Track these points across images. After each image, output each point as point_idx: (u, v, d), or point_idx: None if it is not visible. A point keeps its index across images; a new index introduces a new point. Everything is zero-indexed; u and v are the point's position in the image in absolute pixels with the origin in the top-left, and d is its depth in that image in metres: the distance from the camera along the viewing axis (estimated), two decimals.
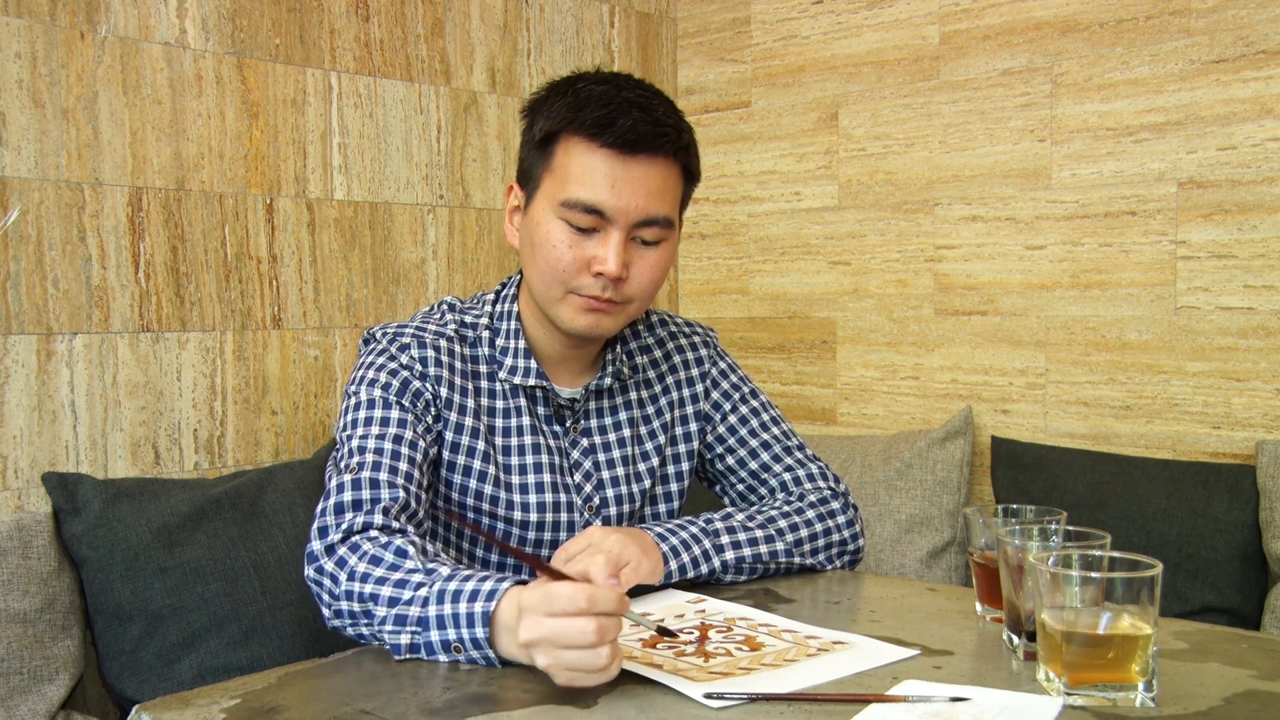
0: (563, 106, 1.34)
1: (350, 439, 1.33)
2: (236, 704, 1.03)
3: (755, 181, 2.88)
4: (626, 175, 1.32)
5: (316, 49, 2.26)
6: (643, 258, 1.37)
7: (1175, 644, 1.17)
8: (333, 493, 1.27)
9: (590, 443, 1.48)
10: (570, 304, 1.37)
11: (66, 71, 1.93)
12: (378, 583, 1.16)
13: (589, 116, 1.31)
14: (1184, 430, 2.25)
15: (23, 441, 1.89)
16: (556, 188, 1.34)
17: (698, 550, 1.38)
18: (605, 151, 1.32)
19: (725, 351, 1.63)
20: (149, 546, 1.84)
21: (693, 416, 1.57)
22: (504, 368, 1.44)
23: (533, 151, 1.39)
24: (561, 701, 1.02)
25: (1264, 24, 2.13)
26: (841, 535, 1.51)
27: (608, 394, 1.50)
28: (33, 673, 1.72)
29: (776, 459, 1.56)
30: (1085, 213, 2.35)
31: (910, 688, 1.03)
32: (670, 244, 1.40)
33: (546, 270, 1.36)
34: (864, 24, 2.66)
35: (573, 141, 1.34)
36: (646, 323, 1.59)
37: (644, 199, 1.33)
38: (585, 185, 1.32)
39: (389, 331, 1.42)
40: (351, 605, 1.18)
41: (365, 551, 1.20)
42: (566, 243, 1.34)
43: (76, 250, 1.95)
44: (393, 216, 2.39)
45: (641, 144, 1.32)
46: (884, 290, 2.66)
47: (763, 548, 1.43)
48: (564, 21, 2.70)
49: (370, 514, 1.24)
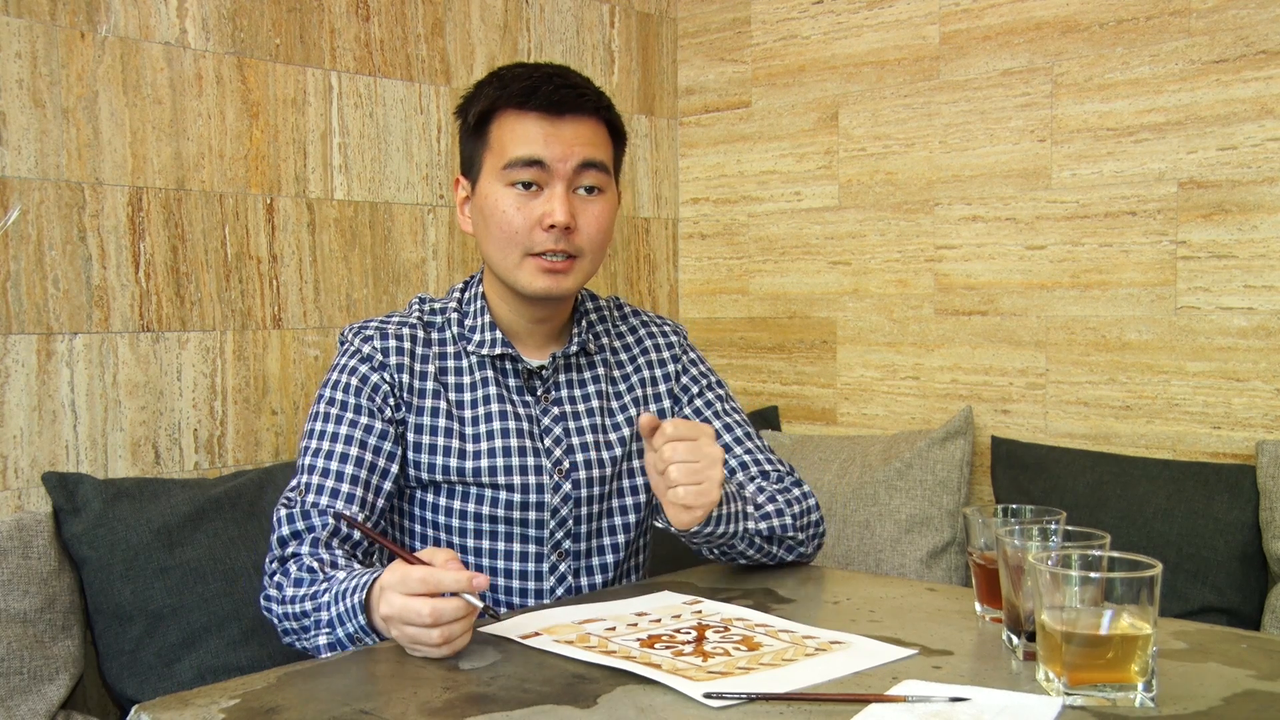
0: (490, 89, 1.50)
1: (306, 450, 1.46)
2: (236, 704, 1.03)
3: (755, 181, 2.88)
4: (557, 131, 1.45)
5: (317, 49, 2.26)
6: (587, 208, 1.48)
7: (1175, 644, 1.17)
8: (275, 527, 1.42)
9: (561, 411, 1.55)
10: (528, 267, 1.47)
11: (67, 71, 1.93)
12: (301, 600, 1.32)
13: (514, 89, 1.46)
14: (1184, 430, 2.25)
15: (23, 441, 1.89)
16: (496, 159, 1.47)
17: (732, 508, 1.42)
18: (535, 114, 1.45)
19: (694, 345, 1.72)
20: (149, 546, 1.84)
21: (665, 394, 1.63)
22: (471, 342, 1.53)
23: (470, 139, 1.53)
24: (561, 701, 1.02)
25: (1264, 24, 2.13)
26: (816, 516, 1.57)
27: (577, 367, 1.58)
28: (33, 673, 1.72)
29: (738, 441, 1.62)
30: (1085, 213, 2.35)
31: (910, 688, 1.03)
32: (611, 196, 1.51)
33: (500, 236, 1.47)
34: (864, 24, 2.66)
35: (504, 115, 1.47)
36: (619, 313, 1.67)
37: (578, 147, 1.46)
38: (521, 144, 1.45)
39: (355, 327, 1.54)
40: (289, 624, 1.35)
41: (293, 576, 1.36)
42: (515, 205, 1.45)
43: (76, 250, 1.95)
44: (393, 216, 2.39)
45: (566, 105, 1.45)
46: (884, 290, 2.66)
47: (774, 521, 1.48)
48: (564, 21, 2.70)
49: (300, 544, 1.39)
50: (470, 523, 1.50)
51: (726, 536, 1.42)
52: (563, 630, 1.23)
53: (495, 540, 1.50)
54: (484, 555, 1.51)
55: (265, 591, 1.40)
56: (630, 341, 1.65)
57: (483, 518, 1.49)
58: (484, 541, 1.50)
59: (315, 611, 1.30)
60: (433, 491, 1.50)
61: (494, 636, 1.22)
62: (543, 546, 1.51)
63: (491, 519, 1.49)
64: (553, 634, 1.22)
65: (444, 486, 1.49)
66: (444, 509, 1.50)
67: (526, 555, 1.51)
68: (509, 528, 1.50)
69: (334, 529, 1.40)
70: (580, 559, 1.53)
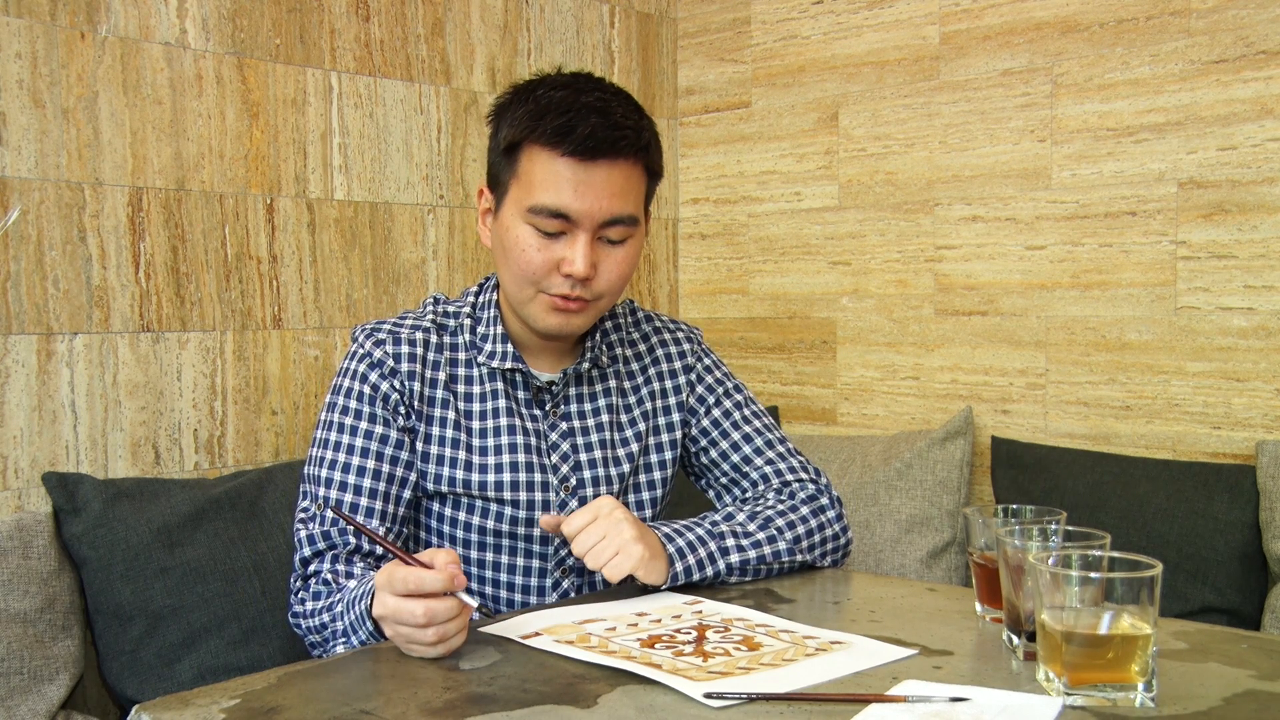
0: (524, 115, 1.39)
1: (321, 461, 1.44)
2: (236, 704, 1.03)
3: (755, 182, 2.88)
4: (589, 180, 1.37)
5: (317, 49, 2.26)
6: (610, 255, 1.42)
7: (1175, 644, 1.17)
8: (297, 547, 1.43)
9: (569, 426, 1.52)
10: (540, 304, 1.43)
11: (67, 71, 1.93)
12: (319, 612, 1.35)
13: (549, 125, 1.36)
14: (1184, 430, 2.25)
15: (23, 441, 1.89)
16: (522, 194, 1.39)
17: (704, 553, 1.40)
18: (567, 159, 1.37)
19: (710, 350, 1.67)
20: (149, 546, 1.84)
21: (675, 407, 1.60)
22: (483, 352, 1.50)
23: (499, 158, 1.45)
24: (561, 701, 1.02)
25: (1264, 24, 2.13)
26: (834, 529, 1.54)
27: (588, 381, 1.55)
28: (33, 673, 1.72)
29: (758, 452, 1.58)
30: (1085, 213, 2.35)
31: (910, 688, 1.03)
32: (636, 240, 1.45)
33: (517, 273, 1.42)
34: (864, 24, 2.67)
35: (535, 150, 1.38)
36: (632, 318, 1.64)
37: (607, 200, 1.38)
38: (549, 191, 1.37)
39: (368, 328, 1.50)
40: (314, 636, 1.37)
41: (312, 590, 1.38)
42: (535, 246, 1.40)
43: (77, 250, 1.95)
44: (393, 216, 2.39)
45: (601, 149, 1.36)
46: (884, 290, 2.66)
47: (766, 549, 1.45)
48: (564, 21, 2.70)
49: (322, 561, 1.40)
50: (474, 535, 1.49)
51: (707, 579, 1.40)
52: (563, 630, 1.23)
53: (499, 553, 1.49)
54: (487, 568, 1.50)
55: (291, 608, 1.41)
56: (642, 350, 1.61)
57: (487, 530, 1.48)
58: (488, 554, 1.49)
59: (332, 622, 1.31)
60: (438, 501, 1.49)
61: (494, 636, 1.22)
62: (546, 562, 1.50)
63: (496, 533, 1.48)
64: (553, 634, 1.22)
65: (449, 497, 1.48)
66: (449, 519, 1.49)
67: (530, 570, 1.50)
68: (513, 542, 1.49)
69: (355, 546, 1.40)
70: (584, 574, 1.52)
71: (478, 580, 1.50)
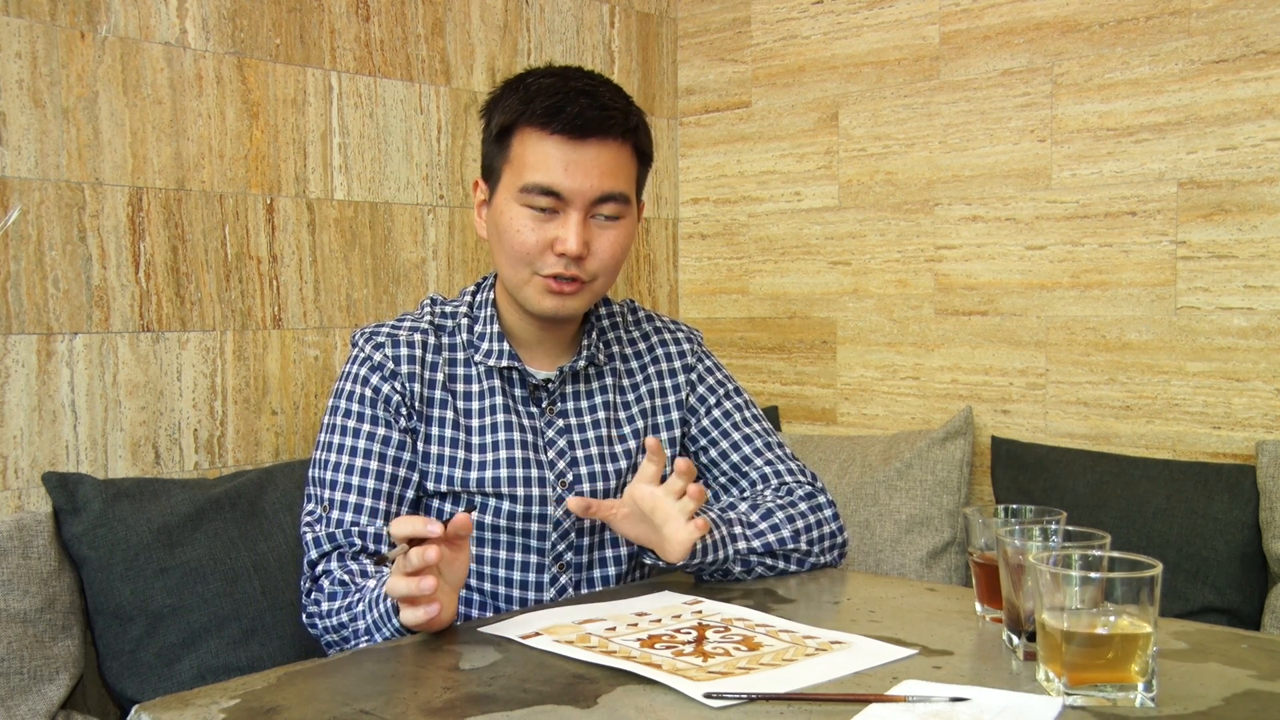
0: (515, 101, 1.44)
1: (326, 464, 1.48)
2: (236, 704, 1.03)
3: (755, 181, 2.88)
4: (579, 159, 1.41)
5: (317, 49, 2.26)
6: (603, 235, 1.45)
7: (1175, 644, 1.17)
8: (305, 550, 1.45)
9: (566, 423, 1.54)
10: (535, 286, 1.45)
11: (67, 71, 1.93)
12: (337, 613, 1.37)
13: (539, 107, 1.41)
14: (1184, 430, 2.25)
15: (23, 441, 1.89)
16: (515, 177, 1.43)
17: (715, 536, 1.42)
18: (557, 138, 1.41)
19: (710, 351, 1.69)
20: (149, 546, 1.84)
21: (674, 406, 1.61)
22: (479, 351, 1.52)
23: (492, 147, 1.49)
24: (561, 701, 1.02)
25: (1264, 24, 2.13)
26: (831, 527, 1.55)
27: (584, 379, 1.57)
28: (33, 673, 1.72)
29: (758, 453, 1.60)
30: (1085, 213, 2.35)
31: (910, 688, 1.03)
32: (629, 221, 1.48)
33: (512, 254, 1.45)
34: (864, 24, 2.66)
35: (526, 132, 1.43)
36: (632, 318, 1.65)
37: (598, 179, 1.42)
38: (540, 170, 1.41)
39: (367, 331, 1.52)
40: (331, 636, 1.39)
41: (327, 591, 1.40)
42: (529, 226, 1.43)
43: (76, 250, 1.95)
44: (393, 216, 2.39)
45: (590, 128, 1.41)
46: (884, 290, 2.66)
47: (770, 536, 1.47)
48: (564, 21, 2.70)
49: (330, 562, 1.43)
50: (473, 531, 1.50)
51: (718, 562, 1.42)
52: (563, 630, 1.23)
53: (497, 549, 1.51)
54: (485, 563, 1.51)
55: (305, 610, 1.44)
56: (642, 349, 1.63)
57: (484, 526, 1.50)
58: (485, 549, 1.51)
59: (352, 622, 1.33)
60: (439, 500, 1.51)
61: (494, 636, 1.22)
62: (544, 557, 1.51)
63: (493, 528, 1.50)
64: (553, 634, 1.22)
65: (449, 495, 1.50)
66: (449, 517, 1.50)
67: (528, 565, 1.51)
68: (510, 537, 1.50)
69: (361, 546, 1.43)
70: (581, 571, 1.53)
71: (476, 576, 1.51)
